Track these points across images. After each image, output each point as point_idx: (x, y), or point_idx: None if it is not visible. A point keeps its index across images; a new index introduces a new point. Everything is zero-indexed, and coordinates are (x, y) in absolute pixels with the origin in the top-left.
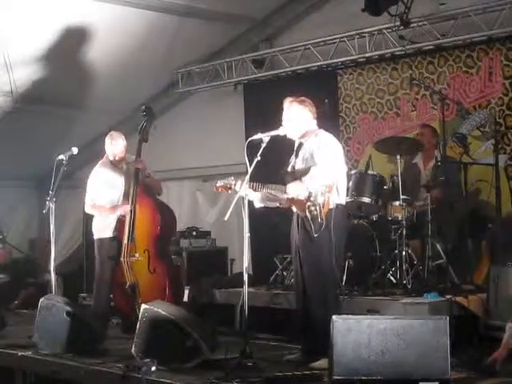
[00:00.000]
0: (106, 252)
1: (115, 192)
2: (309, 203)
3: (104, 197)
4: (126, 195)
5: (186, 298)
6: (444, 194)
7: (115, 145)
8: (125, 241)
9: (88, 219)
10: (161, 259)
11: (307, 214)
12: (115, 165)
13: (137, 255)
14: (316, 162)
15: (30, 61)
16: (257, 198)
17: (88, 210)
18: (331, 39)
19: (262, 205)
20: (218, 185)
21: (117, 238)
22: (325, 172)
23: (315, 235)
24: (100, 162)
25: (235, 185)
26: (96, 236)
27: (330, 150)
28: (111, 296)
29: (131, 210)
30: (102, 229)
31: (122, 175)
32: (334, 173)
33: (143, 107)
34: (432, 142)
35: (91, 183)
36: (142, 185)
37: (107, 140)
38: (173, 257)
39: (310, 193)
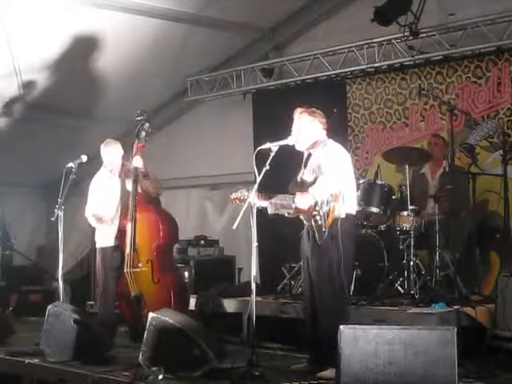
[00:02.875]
0: (108, 262)
1: (113, 201)
2: (314, 212)
3: (103, 207)
4: (124, 206)
5: (193, 307)
6: (452, 204)
7: (107, 152)
8: (127, 251)
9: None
10: (165, 269)
11: (312, 222)
12: (113, 173)
13: (140, 265)
14: (323, 171)
15: (39, 69)
16: (270, 207)
17: (90, 221)
18: (340, 49)
19: (275, 212)
20: (232, 197)
21: (119, 248)
22: (331, 181)
23: (319, 243)
24: (98, 172)
25: (248, 196)
26: (98, 245)
27: (336, 159)
28: (117, 304)
29: (132, 219)
30: (104, 238)
31: (121, 183)
32: (340, 182)
33: (139, 111)
34: (442, 152)
35: (90, 194)
36: (141, 193)
37: (102, 148)
38: (180, 265)
39: (315, 202)
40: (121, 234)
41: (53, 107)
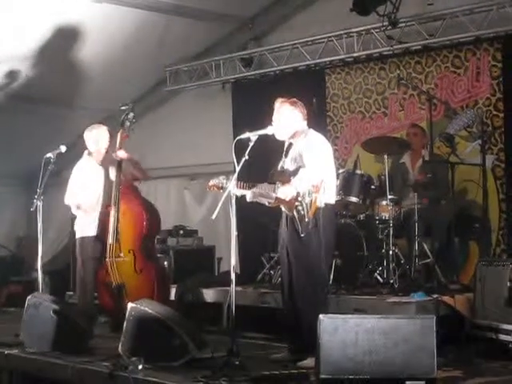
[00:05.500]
0: (88, 252)
1: (96, 188)
2: (296, 203)
3: (85, 194)
4: (106, 194)
5: (172, 297)
6: (431, 194)
7: (91, 137)
8: (109, 241)
9: (75, 217)
10: (147, 259)
11: (295, 213)
12: (96, 158)
13: (122, 255)
14: (304, 162)
15: (19, 59)
16: (248, 193)
17: (73, 210)
18: (319, 38)
19: (254, 200)
20: (210, 184)
21: (100, 237)
22: (312, 172)
23: (302, 235)
24: (80, 159)
25: (227, 184)
26: (78, 235)
27: (317, 150)
28: (96, 295)
29: (115, 208)
30: (84, 227)
31: (104, 170)
32: (322, 172)
33: (120, 104)
34: (422, 142)
35: (70, 181)
36: (126, 182)
37: (86, 133)
38: (160, 255)
39: (297, 192)
40: (102, 224)
41: (32, 97)
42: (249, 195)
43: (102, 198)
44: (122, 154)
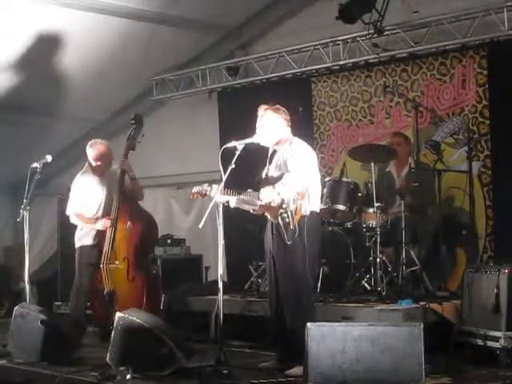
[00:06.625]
0: (85, 259)
1: (96, 201)
2: (281, 210)
3: (85, 206)
4: (107, 206)
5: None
6: (418, 201)
7: (92, 152)
8: (105, 248)
9: (62, 227)
10: (140, 268)
11: (280, 220)
12: (97, 172)
13: (117, 262)
14: (289, 169)
15: (3, 68)
16: (232, 199)
17: (72, 220)
18: (305, 47)
19: (238, 206)
20: (193, 191)
21: (98, 245)
22: (297, 179)
23: (288, 242)
24: (81, 171)
25: (210, 191)
26: (77, 244)
27: (302, 157)
28: (89, 304)
29: (114, 218)
30: (82, 237)
31: (104, 183)
32: (307, 180)
33: (133, 115)
34: (406, 150)
35: (72, 193)
36: (125, 191)
37: (87, 148)
38: None
39: (282, 200)
40: (102, 233)
41: (17, 106)
42: (232, 201)
43: (103, 208)
44: (125, 164)
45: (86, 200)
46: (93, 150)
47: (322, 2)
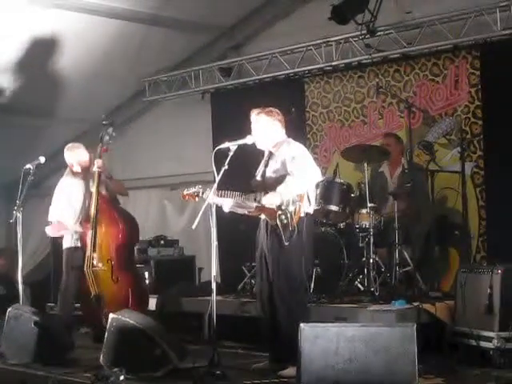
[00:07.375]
0: (70, 261)
1: (77, 205)
2: (279, 212)
3: (66, 210)
4: (86, 208)
5: (154, 307)
6: (411, 202)
7: (69, 156)
8: (88, 252)
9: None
10: (124, 268)
11: (278, 222)
12: (78, 175)
13: (100, 265)
14: (289, 171)
15: None
16: (225, 204)
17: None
18: (298, 47)
19: (231, 210)
20: (185, 193)
21: (81, 248)
22: (299, 182)
23: (286, 243)
24: (63, 176)
25: (202, 193)
26: (64, 246)
27: (303, 160)
28: (78, 305)
29: (93, 220)
30: (67, 239)
31: (86, 186)
32: (312, 182)
33: (103, 116)
34: (398, 150)
35: (54, 198)
36: (104, 193)
37: (65, 151)
38: (140, 266)
39: (281, 201)
40: (83, 235)
41: (11, 108)
42: (225, 206)
43: (82, 210)
44: (98, 164)
45: (69, 205)
46: (69, 155)
47: (315, 2)
